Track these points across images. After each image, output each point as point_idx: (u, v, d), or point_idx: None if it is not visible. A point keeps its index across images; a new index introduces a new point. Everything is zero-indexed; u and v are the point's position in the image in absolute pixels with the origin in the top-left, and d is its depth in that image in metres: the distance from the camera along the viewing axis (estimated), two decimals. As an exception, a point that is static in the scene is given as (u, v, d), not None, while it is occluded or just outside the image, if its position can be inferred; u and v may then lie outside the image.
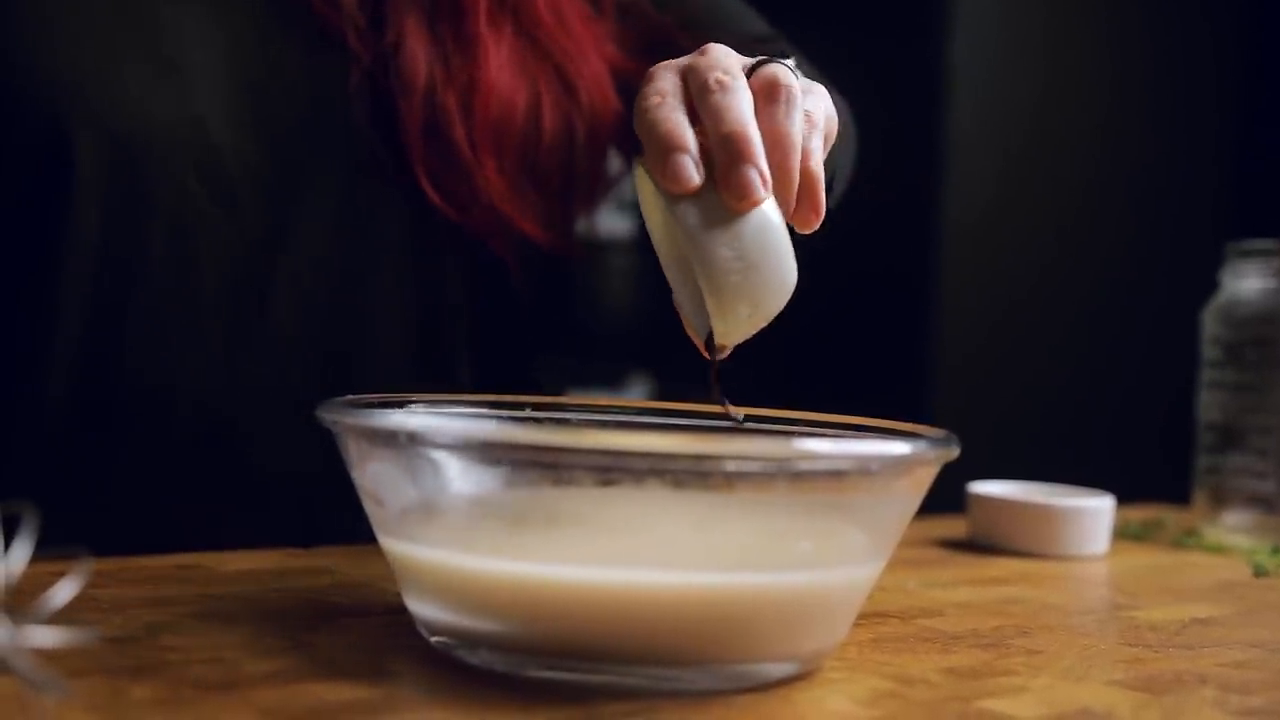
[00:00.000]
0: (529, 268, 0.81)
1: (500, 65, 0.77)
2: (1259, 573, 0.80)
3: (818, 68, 0.78)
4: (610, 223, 2.01)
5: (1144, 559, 0.84)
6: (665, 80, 0.53)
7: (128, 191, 0.70)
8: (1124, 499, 0.91)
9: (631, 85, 0.85)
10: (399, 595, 0.50)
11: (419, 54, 0.75)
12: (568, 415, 0.62)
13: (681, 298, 0.57)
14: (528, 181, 0.80)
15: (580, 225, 0.86)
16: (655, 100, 0.51)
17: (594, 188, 0.85)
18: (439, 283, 0.80)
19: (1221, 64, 2.01)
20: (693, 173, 0.49)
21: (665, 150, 0.49)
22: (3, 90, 0.68)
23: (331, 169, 0.75)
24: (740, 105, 0.50)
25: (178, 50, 0.72)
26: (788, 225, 0.52)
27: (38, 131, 0.68)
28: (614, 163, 0.86)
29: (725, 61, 0.52)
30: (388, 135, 0.75)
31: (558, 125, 0.80)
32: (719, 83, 0.51)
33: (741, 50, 0.55)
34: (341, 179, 0.75)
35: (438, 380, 0.79)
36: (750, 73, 0.53)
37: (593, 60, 0.83)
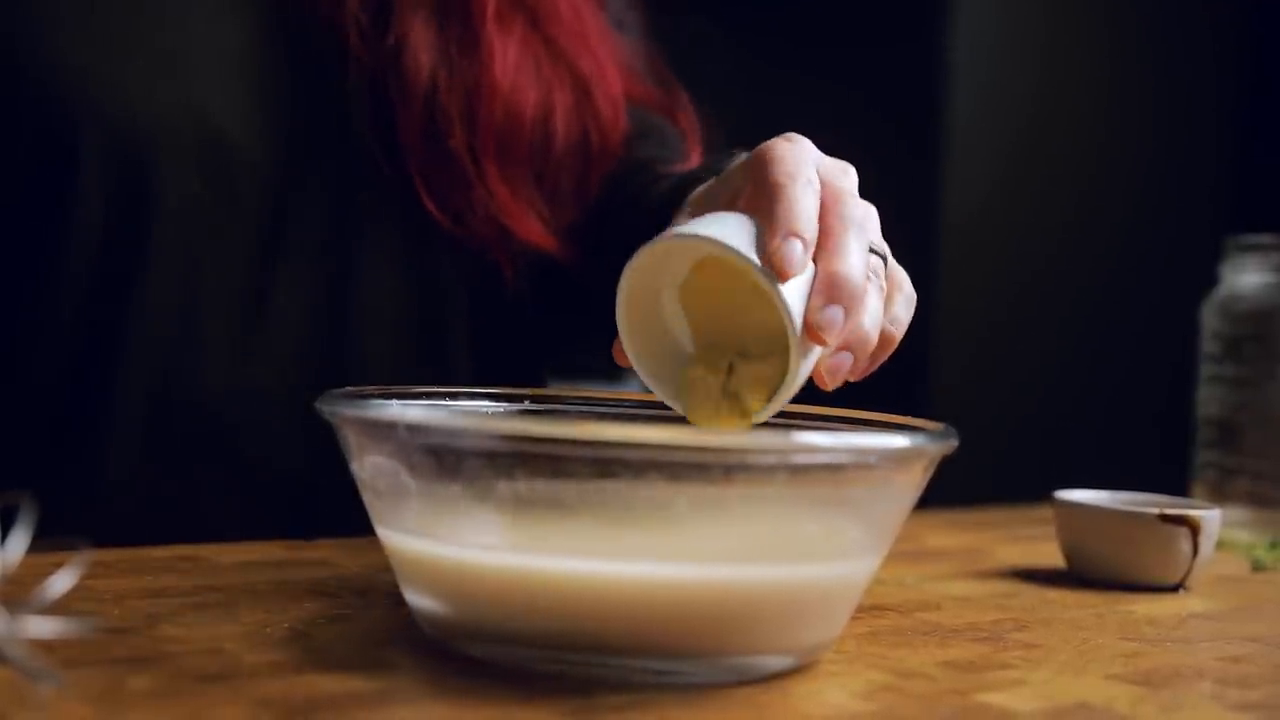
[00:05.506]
0: (525, 270, 0.81)
1: (508, 67, 0.76)
2: (1257, 567, 0.80)
3: (818, 66, 0.78)
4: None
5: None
6: (806, 162, 0.53)
7: (131, 185, 0.69)
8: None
9: (640, 109, 0.85)
10: (398, 587, 0.50)
11: (422, 56, 0.74)
12: (566, 407, 0.62)
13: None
14: (535, 188, 0.79)
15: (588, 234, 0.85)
16: (796, 176, 0.52)
17: (615, 203, 0.84)
18: (437, 284, 0.79)
19: (1221, 60, 2.01)
20: (801, 264, 0.49)
21: (789, 231, 0.50)
22: (8, 86, 0.68)
23: (332, 169, 0.75)
24: (863, 258, 0.51)
25: (184, 45, 0.71)
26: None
27: (42, 125, 0.68)
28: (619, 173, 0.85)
29: (861, 203, 0.54)
30: (386, 139, 0.75)
31: (571, 131, 0.79)
32: (855, 223, 0.52)
33: None
34: (341, 180, 0.75)
35: (435, 380, 0.79)
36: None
37: (609, 73, 0.82)
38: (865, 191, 0.55)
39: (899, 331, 0.55)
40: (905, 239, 0.57)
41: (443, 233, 0.76)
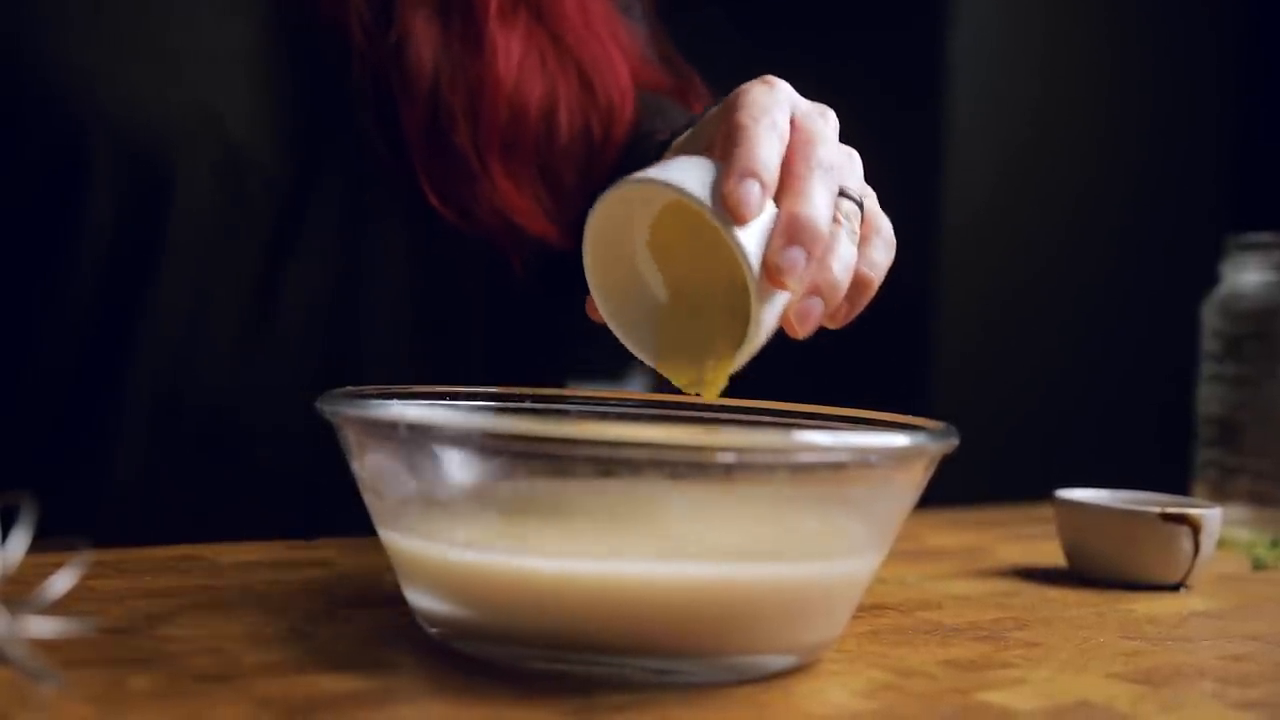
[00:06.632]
0: (532, 264, 0.81)
1: (512, 63, 0.76)
2: (1258, 566, 0.80)
3: (818, 64, 0.78)
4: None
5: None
6: (776, 104, 0.52)
7: (141, 186, 0.69)
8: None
9: (650, 93, 0.85)
10: (398, 587, 0.50)
11: (425, 51, 0.74)
12: (567, 407, 0.62)
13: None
14: (539, 181, 0.79)
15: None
16: (760, 118, 0.51)
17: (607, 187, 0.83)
18: (444, 281, 0.79)
19: (1221, 58, 2.01)
20: (758, 206, 0.48)
21: (745, 172, 0.49)
22: (17, 88, 0.68)
23: (339, 168, 0.75)
24: (828, 202, 0.50)
25: (191, 45, 0.71)
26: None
27: (50, 125, 0.68)
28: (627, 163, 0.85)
29: (837, 148, 0.53)
30: (391, 135, 0.75)
31: (575, 125, 0.79)
32: (822, 166, 0.51)
33: None
34: (348, 178, 0.75)
35: (448, 376, 0.78)
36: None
37: (616, 62, 0.82)
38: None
39: (876, 275, 0.54)
40: (906, 238, 0.57)
41: (450, 228, 0.76)
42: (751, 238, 0.48)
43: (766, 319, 0.50)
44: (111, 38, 0.69)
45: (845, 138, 0.56)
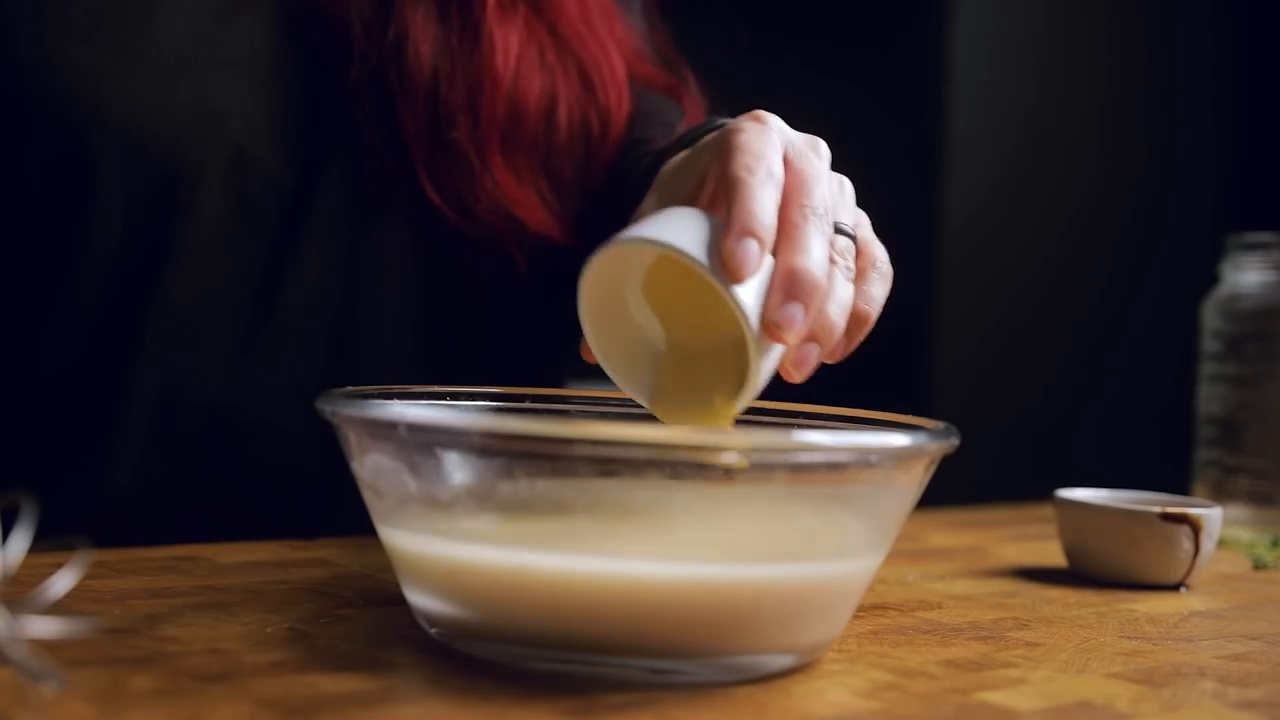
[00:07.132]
0: (535, 262, 0.81)
1: (510, 60, 0.76)
2: (1258, 566, 0.80)
3: (817, 65, 0.78)
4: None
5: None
6: (770, 147, 0.52)
7: (147, 188, 0.69)
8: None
9: (645, 92, 0.85)
10: (399, 587, 0.50)
11: (423, 49, 0.74)
12: (567, 407, 0.62)
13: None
14: (541, 177, 0.79)
15: (590, 219, 0.85)
16: (756, 169, 0.51)
17: (606, 184, 0.84)
18: (447, 279, 0.79)
19: (1221, 58, 2.01)
20: (755, 265, 0.48)
21: (743, 231, 0.49)
22: (23, 90, 0.68)
23: (342, 167, 0.75)
24: (824, 250, 0.50)
25: (195, 48, 0.71)
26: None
27: (56, 128, 0.68)
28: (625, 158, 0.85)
29: (830, 182, 0.53)
30: (391, 133, 0.75)
31: (574, 121, 0.79)
32: (816, 213, 0.51)
33: None
34: (351, 177, 0.75)
35: (446, 376, 0.79)
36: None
37: (614, 58, 0.82)
38: (862, 195, 0.55)
39: (874, 309, 0.54)
40: (905, 239, 0.57)
41: (453, 227, 0.76)
42: (750, 293, 0.49)
43: (765, 370, 0.50)
44: (116, 39, 0.69)
45: (844, 142, 0.56)
